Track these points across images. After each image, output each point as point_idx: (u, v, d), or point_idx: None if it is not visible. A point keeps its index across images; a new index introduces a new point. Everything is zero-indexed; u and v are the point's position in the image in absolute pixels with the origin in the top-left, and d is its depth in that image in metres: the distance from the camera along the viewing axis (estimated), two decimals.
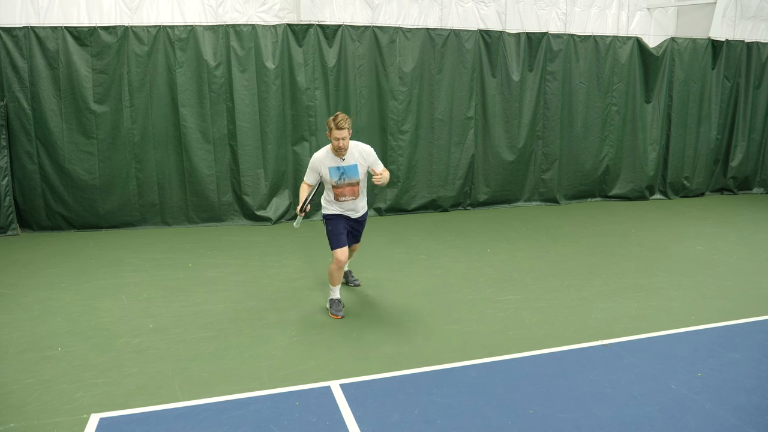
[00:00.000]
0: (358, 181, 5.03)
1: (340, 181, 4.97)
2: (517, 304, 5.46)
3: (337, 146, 4.78)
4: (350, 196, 5.06)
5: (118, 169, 8.08)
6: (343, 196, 5.04)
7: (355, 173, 4.97)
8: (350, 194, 5.05)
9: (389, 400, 3.77)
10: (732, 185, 11.38)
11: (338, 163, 4.92)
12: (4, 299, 5.54)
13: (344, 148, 4.80)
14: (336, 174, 4.95)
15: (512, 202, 10.01)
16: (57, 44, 7.65)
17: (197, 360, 4.33)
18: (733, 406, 3.71)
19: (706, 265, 6.68)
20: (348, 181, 4.98)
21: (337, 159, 4.91)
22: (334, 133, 4.75)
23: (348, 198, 5.06)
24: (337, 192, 5.03)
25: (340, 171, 4.95)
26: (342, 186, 4.99)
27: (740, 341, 4.67)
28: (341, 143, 4.76)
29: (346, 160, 4.92)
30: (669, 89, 10.40)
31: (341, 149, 4.80)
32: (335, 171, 4.94)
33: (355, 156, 4.96)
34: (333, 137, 4.77)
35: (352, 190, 5.04)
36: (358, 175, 4.99)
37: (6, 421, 3.53)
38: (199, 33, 8.01)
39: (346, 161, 4.93)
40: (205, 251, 7.17)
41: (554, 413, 3.63)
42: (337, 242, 5.06)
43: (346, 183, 4.99)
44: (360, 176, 5.01)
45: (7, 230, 7.81)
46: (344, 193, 5.03)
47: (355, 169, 4.96)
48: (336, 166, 4.93)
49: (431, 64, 9.08)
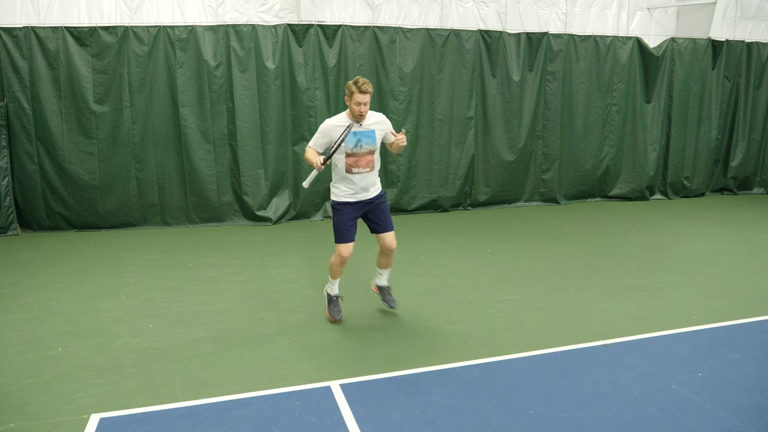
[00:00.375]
0: (374, 150, 4.68)
1: (355, 148, 4.60)
2: (517, 304, 5.46)
3: (358, 111, 4.48)
4: (364, 168, 4.66)
5: (118, 169, 8.08)
6: (356, 167, 4.63)
7: (372, 140, 4.64)
8: (365, 165, 4.65)
9: (389, 400, 3.77)
10: (732, 185, 11.38)
11: (355, 128, 4.61)
12: (4, 299, 5.54)
13: (364, 114, 4.52)
14: (352, 140, 4.59)
15: (512, 202, 10.01)
16: (57, 44, 7.65)
17: (197, 360, 4.33)
18: (733, 406, 3.71)
19: (706, 265, 6.68)
20: (365, 148, 4.62)
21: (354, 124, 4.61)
22: (355, 97, 4.44)
23: (362, 170, 4.65)
24: (350, 162, 4.62)
25: (356, 137, 4.59)
26: (357, 155, 4.61)
27: (740, 341, 4.67)
28: (362, 108, 4.47)
29: (364, 125, 4.62)
30: (669, 89, 10.40)
31: (361, 115, 4.51)
32: (352, 136, 4.59)
33: (371, 123, 4.67)
34: (354, 101, 4.47)
35: (367, 161, 4.66)
36: (376, 141, 4.66)
37: (6, 421, 3.53)
38: (199, 33, 8.02)
39: (364, 126, 4.62)
40: (205, 251, 7.17)
41: (554, 413, 3.63)
42: (342, 236, 4.73)
43: (363, 151, 4.62)
44: (377, 143, 4.68)
45: (7, 230, 7.81)
46: (359, 163, 4.63)
47: (373, 135, 4.65)
48: (353, 131, 4.60)
49: (431, 64, 9.08)
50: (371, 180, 4.74)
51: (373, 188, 4.79)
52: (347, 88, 4.51)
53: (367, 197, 4.76)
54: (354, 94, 4.45)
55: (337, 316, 4.97)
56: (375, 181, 4.80)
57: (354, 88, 4.44)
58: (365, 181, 4.69)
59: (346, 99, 4.55)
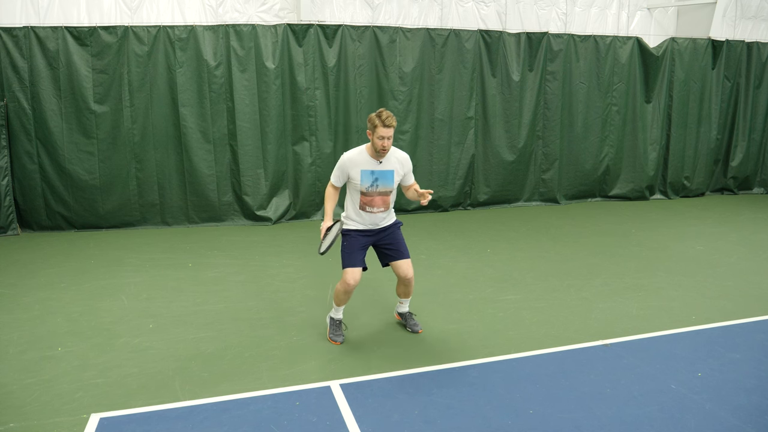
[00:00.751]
0: (391, 191, 4.41)
1: (371, 188, 4.34)
2: (517, 304, 5.46)
3: (381, 146, 4.19)
4: (379, 208, 4.39)
5: (118, 169, 8.08)
6: (370, 206, 4.37)
7: (390, 181, 4.37)
8: (380, 205, 4.39)
9: (389, 400, 3.77)
10: (732, 185, 11.38)
11: (373, 166, 4.31)
12: (4, 299, 5.54)
13: (388, 149, 4.23)
14: (368, 179, 4.32)
15: (512, 202, 10.01)
16: (57, 44, 7.65)
17: (197, 360, 4.33)
18: (733, 406, 3.71)
19: (706, 265, 6.68)
20: (381, 188, 4.35)
21: (373, 162, 4.31)
22: (378, 131, 4.16)
23: (376, 210, 4.39)
24: (364, 201, 4.37)
25: (374, 176, 4.32)
26: (372, 194, 4.35)
27: (740, 341, 4.67)
28: (386, 143, 4.19)
29: (383, 164, 4.33)
30: (669, 89, 10.40)
31: (384, 150, 4.22)
32: (368, 175, 4.31)
33: (392, 162, 4.36)
34: (377, 135, 4.18)
35: (383, 201, 4.39)
36: (393, 183, 4.39)
37: (6, 421, 3.53)
38: (199, 33, 8.02)
39: (383, 165, 4.33)
40: (205, 251, 7.17)
41: (554, 413, 3.63)
42: (350, 260, 4.41)
43: (378, 191, 4.35)
44: (394, 185, 4.41)
45: (7, 230, 7.81)
46: (373, 203, 4.37)
47: (391, 176, 4.36)
48: (370, 169, 4.31)
49: (431, 64, 9.08)
50: (382, 216, 4.48)
51: (384, 222, 4.52)
52: (369, 121, 4.23)
53: (379, 228, 4.50)
54: (377, 127, 4.16)
55: (338, 340, 4.65)
56: (387, 216, 4.53)
57: (377, 122, 4.16)
58: (376, 219, 4.45)
59: (368, 133, 4.27)
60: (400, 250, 4.51)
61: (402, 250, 4.52)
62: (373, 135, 4.21)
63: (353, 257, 4.41)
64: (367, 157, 4.32)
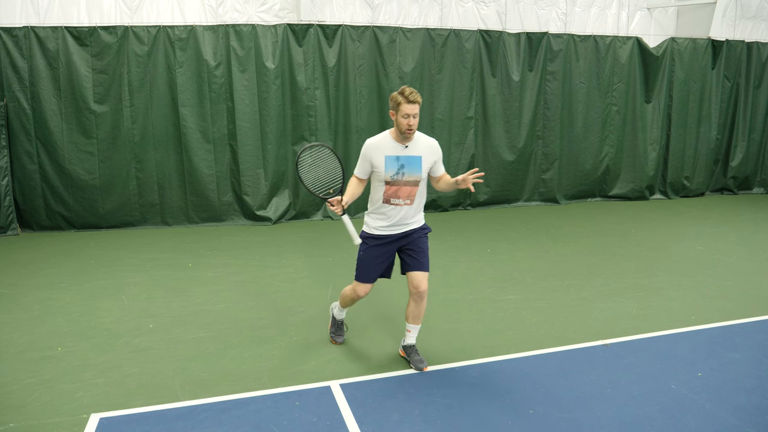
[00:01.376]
0: (419, 180, 3.96)
1: (396, 176, 3.91)
2: (517, 304, 5.46)
3: (406, 126, 3.79)
4: (405, 200, 3.97)
5: (118, 169, 8.08)
6: (395, 197, 3.95)
7: (417, 168, 3.93)
8: (405, 197, 3.96)
9: (389, 400, 3.77)
10: (732, 185, 11.38)
11: (399, 151, 3.91)
12: (4, 299, 5.54)
13: (413, 128, 3.82)
14: (393, 165, 3.90)
15: (512, 202, 10.01)
16: (57, 44, 7.65)
17: (197, 360, 4.33)
18: (733, 406, 3.71)
19: (706, 265, 6.68)
20: (407, 177, 3.93)
21: (398, 146, 3.91)
22: (402, 109, 3.76)
23: (401, 202, 3.96)
24: (389, 192, 3.95)
25: (399, 162, 3.90)
26: (398, 183, 3.93)
27: (740, 341, 4.67)
28: (411, 122, 3.78)
29: (410, 148, 3.92)
30: (669, 89, 10.41)
31: (410, 130, 3.81)
32: (393, 162, 3.90)
33: (419, 147, 3.95)
34: (401, 114, 3.78)
35: (409, 192, 3.97)
36: (421, 170, 3.94)
37: (6, 421, 3.53)
38: (199, 33, 8.02)
39: (410, 150, 3.92)
40: (205, 251, 7.17)
41: (554, 413, 3.63)
42: (363, 274, 4.10)
43: (404, 180, 3.93)
44: (422, 173, 3.96)
45: (7, 230, 7.81)
46: (399, 194, 3.95)
47: (419, 162, 3.92)
48: (395, 155, 3.90)
49: (431, 64, 9.08)
50: (410, 214, 4.03)
51: (411, 222, 4.09)
52: (392, 99, 3.85)
53: (404, 230, 4.07)
54: (401, 105, 3.78)
55: (339, 340, 4.57)
56: (415, 215, 4.08)
57: (401, 98, 3.78)
58: (402, 214, 4.00)
59: (391, 113, 3.87)
60: (420, 260, 4.06)
61: (422, 261, 4.07)
62: (397, 114, 3.82)
63: (367, 270, 4.09)
64: (392, 141, 3.92)
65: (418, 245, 4.08)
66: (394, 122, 3.89)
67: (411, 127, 3.82)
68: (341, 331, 4.62)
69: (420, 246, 4.08)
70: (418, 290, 4.06)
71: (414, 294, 4.09)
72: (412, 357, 4.24)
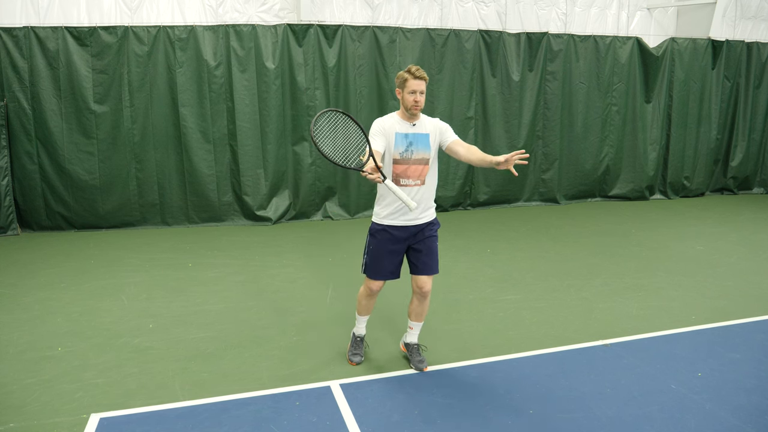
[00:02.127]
0: (428, 159, 3.91)
1: (405, 153, 3.86)
2: (517, 304, 5.46)
3: (412, 102, 3.79)
4: (415, 180, 3.89)
5: (118, 169, 8.08)
6: (405, 177, 3.87)
7: (426, 145, 3.89)
8: (415, 176, 3.89)
9: (389, 400, 3.77)
10: (732, 185, 11.38)
11: (407, 129, 3.88)
12: (4, 299, 5.54)
13: (420, 104, 3.81)
14: (403, 142, 3.86)
15: (512, 202, 10.01)
16: (57, 44, 7.65)
17: (197, 360, 4.33)
18: (733, 406, 3.71)
19: (706, 265, 6.68)
20: (417, 155, 3.88)
21: (406, 124, 3.89)
22: (409, 85, 3.78)
23: (411, 182, 3.88)
24: (398, 171, 3.87)
25: (408, 139, 3.87)
26: (407, 161, 3.87)
27: (740, 341, 4.67)
28: (418, 98, 3.79)
29: (417, 126, 3.90)
30: (669, 89, 10.41)
31: (417, 106, 3.81)
32: (402, 139, 3.86)
33: (426, 125, 3.94)
34: (408, 90, 3.79)
35: (419, 171, 3.89)
36: (430, 148, 3.91)
37: (6, 421, 3.53)
38: (199, 33, 8.02)
39: (418, 128, 3.90)
40: (205, 251, 7.17)
41: (554, 413, 3.63)
42: (373, 269, 4.00)
43: (414, 158, 3.87)
44: (431, 151, 3.92)
45: (7, 230, 7.81)
46: (408, 173, 3.87)
47: (427, 140, 3.90)
48: (404, 132, 3.87)
49: (431, 64, 9.08)
50: (422, 197, 3.93)
51: (424, 211, 3.98)
52: (398, 78, 3.86)
53: (415, 223, 3.95)
54: (407, 81, 3.79)
55: (355, 360, 4.26)
56: (427, 200, 3.98)
57: (407, 75, 3.80)
58: (416, 195, 3.90)
59: (398, 92, 3.89)
60: (429, 264, 4.00)
61: (431, 264, 4.01)
62: (404, 91, 3.82)
63: (378, 267, 3.98)
64: (399, 119, 3.92)
65: (428, 245, 4.00)
66: (400, 101, 3.89)
67: (417, 104, 3.81)
68: (360, 350, 4.32)
69: (430, 246, 4.00)
70: (422, 290, 4.04)
71: (417, 293, 4.07)
72: (413, 357, 4.23)
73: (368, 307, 4.22)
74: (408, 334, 4.29)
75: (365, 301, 4.18)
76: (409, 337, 4.29)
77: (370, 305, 4.22)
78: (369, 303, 4.20)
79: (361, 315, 4.28)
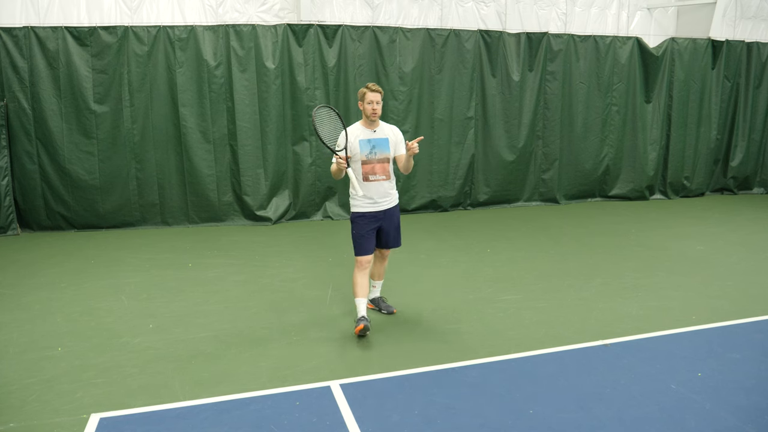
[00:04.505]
0: (389, 158, 4.84)
1: (370, 155, 4.76)
2: (517, 304, 5.46)
3: (371, 110, 4.70)
4: (381, 175, 4.81)
5: (118, 169, 8.08)
6: (373, 174, 4.78)
7: (386, 147, 4.81)
8: (381, 172, 4.81)
9: (389, 400, 3.77)
10: (732, 185, 11.38)
11: (369, 135, 4.78)
12: (4, 299, 5.54)
13: (377, 113, 4.73)
14: (367, 147, 4.76)
15: (512, 202, 10.01)
16: (57, 44, 7.65)
17: (197, 360, 4.33)
18: (733, 406, 3.70)
19: (706, 265, 6.68)
20: (379, 155, 4.79)
21: (368, 131, 4.79)
22: (368, 96, 4.70)
23: (379, 177, 4.80)
24: (366, 169, 4.77)
25: (371, 144, 4.77)
26: (372, 161, 4.77)
27: (740, 341, 4.67)
28: (375, 107, 4.70)
29: (378, 132, 4.81)
30: (669, 89, 10.41)
31: (375, 113, 4.71)
32: (366, 143, 4.76)
33: (385, 131, 4.86)
34: (366, 101, 4.71)
35: (383, 168, 4.81)
36: (389, 149, 4.83)
37: (6, 421, 3.53)
38: (199, 33, 8.02)
39: (378, 134, 4.81)
40: (205, 251, 7.17)
41: (554, 413, 3.63)
42: (360, 248, 4.84)
43: (377, 158, 4.78)
44: (391, 152, 4.85)
45: (7, 230, 7.81)
46: (375, 170, 4.78)
47: (386, 143, 4.82)
48: (367, 138, 4.77)
49: (431, 64, 9.08)
50: (388, 187, 4.87)
51: (389, 198, 4.90)
52: (359, 93, 4.78)
53: (382, 208, 4.87)
54: (366, 93, 4.72)
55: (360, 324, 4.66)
56: (391, 190, 4.91)
57: (365, 89, 4.74)
58: (382, 188, 4.82)
59: (359, 104, 4.78)
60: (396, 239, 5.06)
61: (397, 240, 5.07)
62: (364, 102, 4.74)
63: (364, 245, 4.83)
64: (362, 128, 4.82)
65: (393, 222, 4.97)
66: (362, 111, 4.78)
67: (375, 111, 4.73)
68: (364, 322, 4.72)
69: (392, 228, 4.98)
70: (383, 254, 5.16)
71: (379, 257, 5.17)
72: (382, 305, 5.24)
73: (363, 286, 4.85)
74: (373, 291, 5.28)
75: (360, 280, 4.85)
76: (373, 294, 5.29)
77: (364, 284, 4.85)
78: (363, 281, 4.85)
79: (358, 297, 4.85)
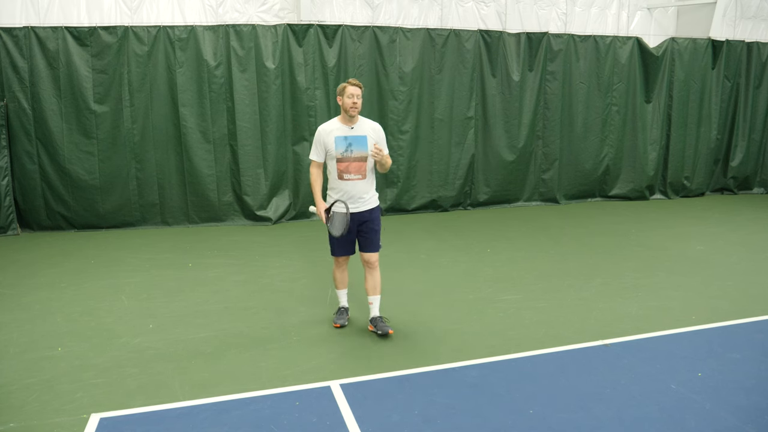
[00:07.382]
0: (366, 157, 4.55)
1: (346, 153, 4.51)
2: (517, 304, 5.46)
3: (350, 104, 4.44)
4: (356, 174, 4.53)
5: (118, 169, 8.08)
6: (347, 173, 4.52)
7: (363, 145, 4.53)
8: (356, 172, 4.53)
9: (389, 400, 3.77)
10: (732, 185, 11.38)
11: (346, 132, 4.52)
12: (4, 299, 5.54)
13: (357, 107, 4.47)
14: (342, 144, 4.51)
15: (512, 202, 10.01)
16: (57, 44, 7.65)
17: (197, 360, 4.33)
18: (733, 406, 3.70)
19: (706, 265, 6.68)
20: (355, 153, 4.52)
21: (345, 128, 4.53)
22: (348, 90, 4.46)
23: (353, 176, 4.53)
24: (341, 168, 4.52)
25: (347, 141, 4.51)
26: (348, 160, 4.51)
27: (740, 341, 4.67)
28: (356, 101, 4.45)
29: (356, 129, 4.54)
30: (669, 89, 10.40)
31: (354, 107, 4.45)
32: (342, 141, 4.51)
33: (365, 128, 4.59)
34: (346, 95, 4.46)
35: (359, 168, 4.54)
36: (367, 148, 4.53)
37: (6, 421, 3.53)
38: (199, 33, 8.02)
39: (355, 131, 4.54)
40: (205, 251, 7.17)
41: (554, 413, 3.63)
42: (333, 250, 4.77)
43: (353, 157, 4.52)
44: (368, 150, 4.53)
45: (7, 230, 7.81)
46: (349, 169, 4.52)
47: (364, 141, 4.53)
48: (344, 135, 4.52)
49: (431, 64, 9.08)
50: (363, 189, 4.60)
51: (366, 198, 4.63)
52: (339, 88, 4.56)
53: (359, 210, 4.60)
54: (346, 87, 4.49)
55: (339, 322, 4.91)
56: (368, 191, 4.64)
57: (346, 83, 4.52)
58: (356, 189, 4.56)
59: (339, 99, 4.55)
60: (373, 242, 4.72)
61: (375, 243, 4.73)
62: (344, 97, 4.49)
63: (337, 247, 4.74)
64: (339, 124, 4.58)
65: (371, 228, 4.68)
66: (341, 107, 4.53)
67: (356, 105, 4.47)
68: (343, 317, 4.97)
69: (373, 229, 4.69)
70: (368, 262, 4.76)
71: (366, 266, 4.80)
72: (378, 325, 4.76)
73: (342, 280, 4.94)
74: (371, 310, 4.86)
75: (338, 276, 4.92)
76: (372, 313, 4.85)
77: (342, 279, 4.93)
78: (341, 277, 4.92)
79: (338, 289, 4.99)
